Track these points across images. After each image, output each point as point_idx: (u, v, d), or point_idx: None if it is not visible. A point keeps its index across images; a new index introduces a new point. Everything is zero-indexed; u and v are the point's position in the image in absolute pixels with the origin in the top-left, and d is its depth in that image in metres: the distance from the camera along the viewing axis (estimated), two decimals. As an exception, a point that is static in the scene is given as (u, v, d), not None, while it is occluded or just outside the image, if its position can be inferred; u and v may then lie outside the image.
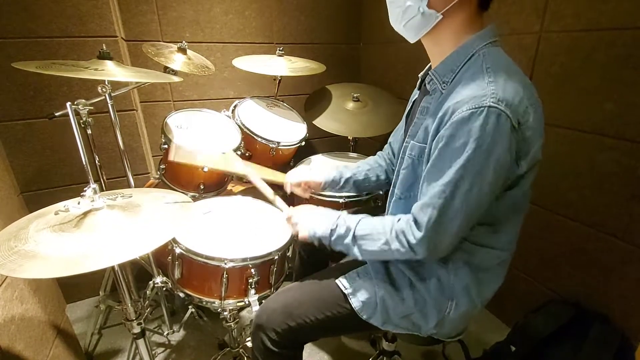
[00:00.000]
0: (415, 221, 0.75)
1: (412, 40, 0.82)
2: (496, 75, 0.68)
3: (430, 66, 0.85)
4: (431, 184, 0.73)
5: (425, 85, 0.84)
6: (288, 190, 1.17)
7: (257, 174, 1.13)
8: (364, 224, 0.84)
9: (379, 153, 1.19)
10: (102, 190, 0.99)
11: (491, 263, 0.83)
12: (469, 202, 0.69)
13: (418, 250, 0.75)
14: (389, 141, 1.15)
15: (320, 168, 1.13)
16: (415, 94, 0.95)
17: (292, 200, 1.73)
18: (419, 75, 0.91)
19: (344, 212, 0.90)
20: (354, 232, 0.83)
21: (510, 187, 0.73)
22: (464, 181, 0.68)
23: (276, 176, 1.18)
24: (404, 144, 0.86)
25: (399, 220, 0.79)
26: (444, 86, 0.77)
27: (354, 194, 1.42)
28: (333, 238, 0.86)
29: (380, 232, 0.80)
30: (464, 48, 0.75)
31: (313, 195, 1.45)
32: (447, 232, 0.73)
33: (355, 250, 0.83)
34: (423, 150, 0.78)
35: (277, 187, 1.33)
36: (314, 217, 0.93)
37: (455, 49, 0.76)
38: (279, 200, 1.08)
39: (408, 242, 0.76)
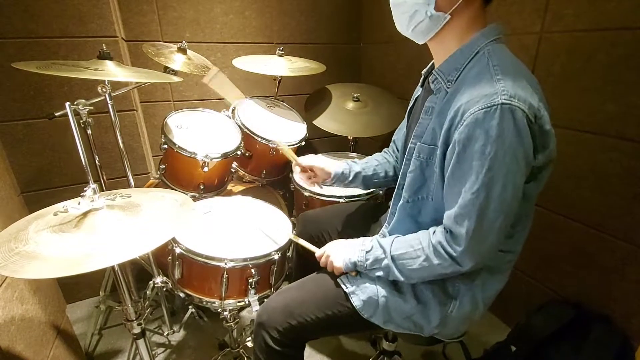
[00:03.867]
0: (452, 234, 0.73)
1: (420, 42, 0.81)
2: (504, 72, 0.67)
3: (434, 65, 0.84)
4: (456, 191, 0.70)
5: (428, 83, 0.83)
6: (295, 171, 1.13)
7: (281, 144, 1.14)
8: (398, 242, 0.82)
9: (385, 150, 1.17)
10: (102, 190, 0.99)
11: (501, 266, 0.83)
12: (506, 202, 0.67)
13: (463, 263, 0.73)
14: (393, 139, 1.14)
15: (331, 160, 1.10)
16: (418, 91, 0.94)
17: (291, 200, 1.73)
18: (422, 72, 0.90)
19: (376, 236, 0.88)
20: (391, 253, 0.81)
21: (527, 180, 0.72)
22: (495, 183, 0.66)
23: (290, 152, 1.13)
24: (410, 145, 0.84)
25: (434, 232, 0.77)
26: (449, 85, 0.76)
27: (354, 194, 1.42)
28: (369, 262, 0.84)
29: (418, 249, 0.77)
30: (468, 46, 0.74)
31: (312, 196, 1.44)
32: (490, 237, 0.70)
33: (396, 272, 0.80)
34: (433, 151, 0.77)
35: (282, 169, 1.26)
36: (347, 245, 0.90)
37: (460, 47, 0.75)
38: (307, 243, 1.04)
39: (450, 255, 0.73)
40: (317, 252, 0.96)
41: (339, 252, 0.89)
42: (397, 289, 0.86)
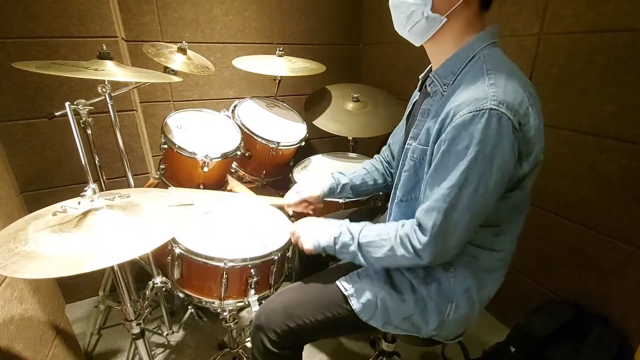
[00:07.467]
0: (420, 225, 0.75)
1: (417, 44, 0.82)
2: (497, 77, 0.68)
3: (431, 68, 0.85)
4: (435, 187, 0.72)
5: (426, 87, 0.84)
6: (290, 212, 1.18)
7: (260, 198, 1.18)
8: (367, 230, 0.83)
9: (375, 156, 1.19)
10: (102, 190, 0.99)
11: (493, 265, 0.83)
12: (475, 204, 0.69)
13: (423, 256, 0.75)
14: (388, 143, 1.15)
15: (315, 178, 1.16)
16: (416, 96, 0.95)
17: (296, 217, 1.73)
18: (420, 77, 0.91)
19: (347, 220, 0.90)
20: (358, 240, 0.83)
21: (512, 188, 0.73)
22: (468, 183, 0.68)
23: (275, 201, 1.20)
24: (406, 146, 0.85)
25: (403, 225, 0.78)
26: (445, 88, 0.77)
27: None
28: (338, 247, 0.86)
29: (385, 239, 0.79)
30: (465, 50, 0.75)
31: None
32: (453, 235, 0.72)
33: (361, 258, 0.83)
34: (425, 152, 0.78)
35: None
36: (317, 227, 0.92)
37: (456, 51, 0.76)
38: (283, 215, 1.10)
39: (413, 247, 0.75)
40: (290, 228, 1.01)
41: (309, 234, 0.92)
42: (395, 290, 0.86)
